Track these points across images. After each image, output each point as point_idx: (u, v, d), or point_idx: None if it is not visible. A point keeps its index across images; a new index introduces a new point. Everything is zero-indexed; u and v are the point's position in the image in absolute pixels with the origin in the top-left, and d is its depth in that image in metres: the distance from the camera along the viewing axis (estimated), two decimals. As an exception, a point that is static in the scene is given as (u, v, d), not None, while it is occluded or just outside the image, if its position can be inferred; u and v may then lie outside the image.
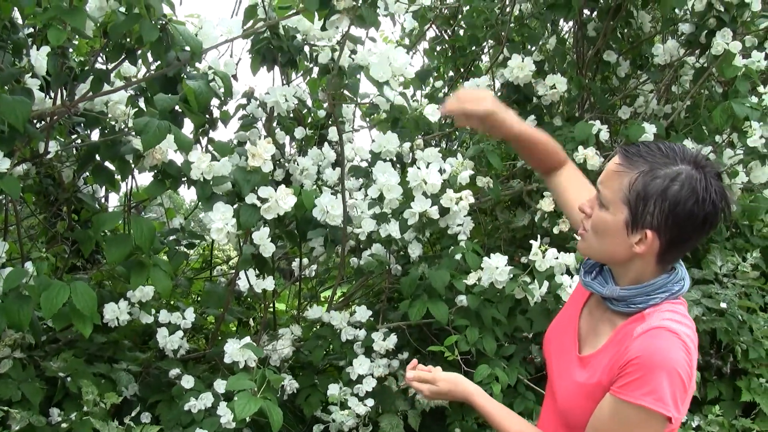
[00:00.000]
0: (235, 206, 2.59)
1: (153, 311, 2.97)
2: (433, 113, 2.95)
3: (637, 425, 1.44)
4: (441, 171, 2.86)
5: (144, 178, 5.25)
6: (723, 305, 3.50)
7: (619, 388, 1.44)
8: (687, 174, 1.43)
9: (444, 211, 2.85)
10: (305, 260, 3.40)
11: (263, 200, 2.52)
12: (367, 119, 3.82)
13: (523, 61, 3.46)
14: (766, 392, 3.65)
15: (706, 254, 3.83)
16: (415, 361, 1.77)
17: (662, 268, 1.52)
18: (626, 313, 1.53)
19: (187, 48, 2.50)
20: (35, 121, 2.74)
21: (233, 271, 3.38)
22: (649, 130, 3.37)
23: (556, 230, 3.26)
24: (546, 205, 3.28)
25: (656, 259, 1.50)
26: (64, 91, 2.73)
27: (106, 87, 2.66)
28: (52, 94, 2.74)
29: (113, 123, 2.71)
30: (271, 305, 3.42)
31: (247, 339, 2.66)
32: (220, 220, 2.51)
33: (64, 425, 2.68)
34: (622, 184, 1.45)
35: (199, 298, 3.72)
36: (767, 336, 3.70)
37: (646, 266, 1.51)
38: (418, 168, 2.82)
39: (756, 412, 3.68)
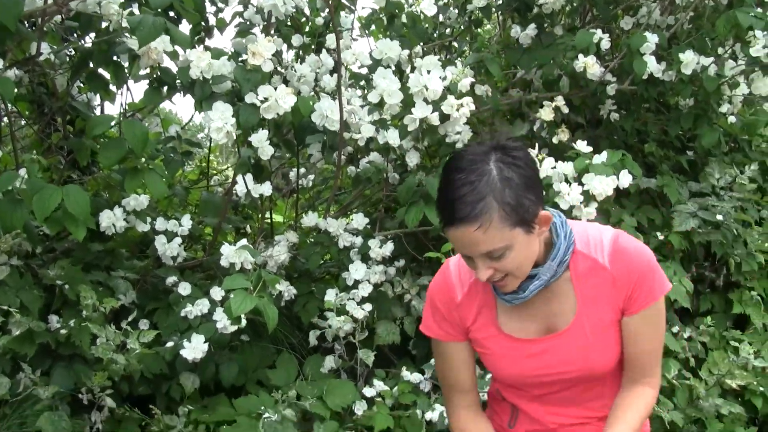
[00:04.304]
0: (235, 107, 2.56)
1: (149, 219, 2.97)
2: (429, 7, 2.91)
3: (663, 308, 1.66)
4: (442, 78, 2.82)
5: (139, 92, 5.19)
6: (719, 217, 3.50)
7: (645, 301, 1.61)
8: (500, 156, 1.46)
9: (444, 118, 2.82)
10: (302, 170, 3.38)
11: (263, 99, 2.48)
12: (366, 31, 3.76)
13: (524, -32, 3.39)
14: (758, 305, 3.69)
15: (704, 167, 3.82)
16: None
17: (548, 216, 1.56)
18: (566, 265, 1.62)
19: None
20: (26, 23, 2.68)
21: (230, 181, 3.36)
22: (651, 40, 3.31)
23: (555, 140, 3.23)
24: (546, 114, 3.25)
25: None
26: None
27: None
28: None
29: (107, 23, 2.64)
30: (268, 215, 3.42)
31: (244, 241, 2.66)
32: (220, 119, 2.47)
33: (63, 331, 2.69)
34: (497, 225, 1.44)
35: (196, 210, 3.71)
36: (761, 249, 3.72)
37: (547, 229, 1.58)
38: (420, 74, 2.78)
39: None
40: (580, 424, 1.78)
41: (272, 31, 3.21)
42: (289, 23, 3.32)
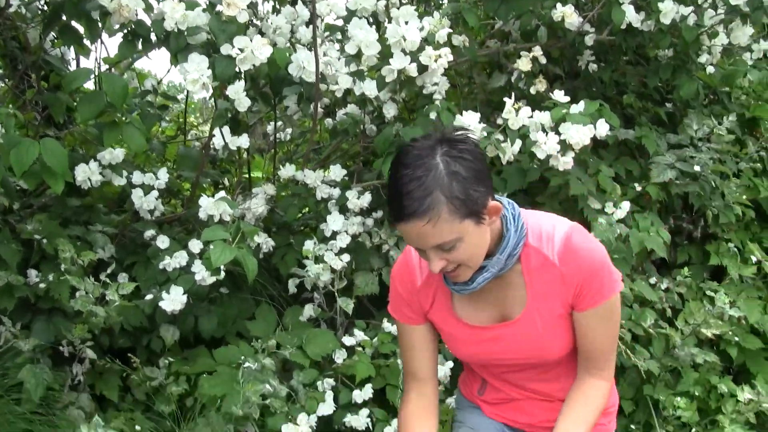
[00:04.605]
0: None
1: (125, 173, 2.96)
2: None
3: (617, 307, 1.66)
4: (420, 29, 2.80)
5: (114, 46, 5.12)
6: (697, 169, 3.52)
7: (593, 300, 1.60)
8: (447, 150, 1.45)
9: (422, 69, 2.81)
10: (279, 123, 3.37)
11: (239, 50, 2.46)
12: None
13: None
14: (734, 257, 3.71)
15: (683, 119, 3.83)
16: None
17: (497, 206, 1.54)
18: (516, 258, 1.61)
19: None
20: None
21: (207, 136, 3.35)
22: (630, -9, 3.30)
23: (533, 90, 3.22)
24: (523, 65, 3.24)
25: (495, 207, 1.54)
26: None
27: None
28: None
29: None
30: (246, 169, 3.41)
31: (222, 193, 2.66)
32: (196, 71, 2.44)
33: (42, 285, 2.70)
34: (446, 219, 1.43)
35: (173, 165, 3.70)
36: (738, 201, 3.74)
37: (497, 219, 1.56)
38: (397, 24, 2.76)
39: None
40: (543, 400, 1.82)
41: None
42: (264, -27, 3.29)
